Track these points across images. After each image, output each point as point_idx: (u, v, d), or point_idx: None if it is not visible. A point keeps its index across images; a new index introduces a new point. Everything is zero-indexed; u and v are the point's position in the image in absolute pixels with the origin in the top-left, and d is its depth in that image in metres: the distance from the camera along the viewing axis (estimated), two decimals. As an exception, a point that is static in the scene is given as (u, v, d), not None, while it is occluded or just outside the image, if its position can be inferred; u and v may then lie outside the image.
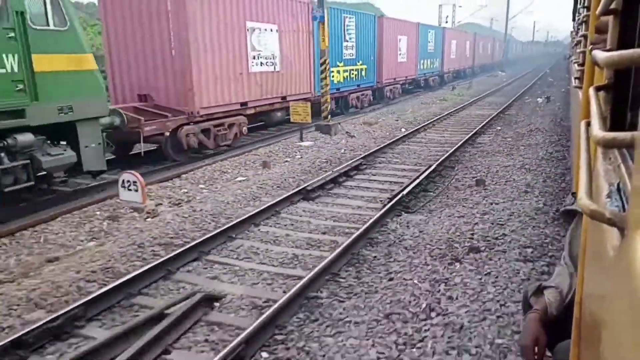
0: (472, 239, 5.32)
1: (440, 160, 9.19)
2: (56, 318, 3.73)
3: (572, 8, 7.88)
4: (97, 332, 3.78)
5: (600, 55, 0.75)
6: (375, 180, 8.33)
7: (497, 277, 4.37)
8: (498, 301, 3.95)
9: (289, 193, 7.14)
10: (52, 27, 6.74)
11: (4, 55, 6.15)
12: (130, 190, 6.54)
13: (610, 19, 1.06)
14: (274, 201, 6.73)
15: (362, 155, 9.73)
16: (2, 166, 6.29)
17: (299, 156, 10.23)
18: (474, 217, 6.07)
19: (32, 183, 6.72)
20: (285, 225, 6.15)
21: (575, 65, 4.09)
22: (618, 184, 0.79)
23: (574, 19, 7.72)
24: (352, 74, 17.32)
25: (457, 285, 4.25)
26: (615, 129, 0.97)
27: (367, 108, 18.53)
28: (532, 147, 10.54)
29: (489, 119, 14.72)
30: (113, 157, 8.96)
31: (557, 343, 1.52)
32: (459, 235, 5.43)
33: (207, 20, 10.09)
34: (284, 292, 4.26)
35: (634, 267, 0.45)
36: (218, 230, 5.65)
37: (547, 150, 10.02)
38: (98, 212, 6.70)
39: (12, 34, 6.22)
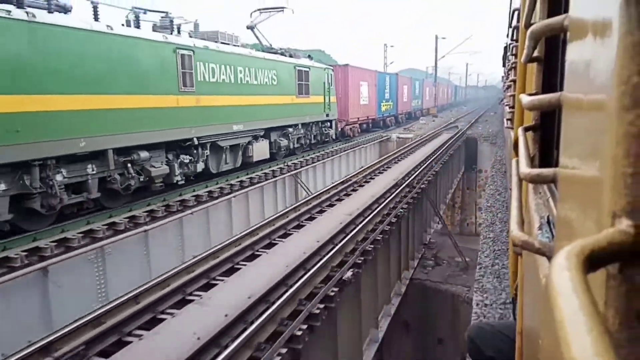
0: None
1: (476, 117, 33.41)
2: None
3: (502, 55, 9.04)
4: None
5: (524, 99, 0.80)
6: (457, 125, 26.23)
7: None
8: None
9: (445, 125, 29.59)
10: (332, 86, 20.13)
11: (327, 97, 19.44)
12: (423, 121, 26.41)
13: (534, 65, 1.10)
14: (442, 126, 24.18)
15: (450, 122, 32.35)
16: (322, 133, 19.44)
17: (432, 122, 34.46)
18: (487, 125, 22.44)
19: (324, 137, 19.87)
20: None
21: (507, 107, 4.18)
22: (548, 217, 0.81)
23: (504, 65, 8.51)
24: (388, 107, 31.27)
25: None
26: (544, 166, 1.00)
27: (393, 126, 32.34)
28: (495, 117, 30.37)
29: (478, 115, 37.38)
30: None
31: None
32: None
33: (350, 83, 23.66)
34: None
35: (549, 286, 0.36)
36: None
37: (498, 119, 26.74)
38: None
39: (328, 89, 19.57)
